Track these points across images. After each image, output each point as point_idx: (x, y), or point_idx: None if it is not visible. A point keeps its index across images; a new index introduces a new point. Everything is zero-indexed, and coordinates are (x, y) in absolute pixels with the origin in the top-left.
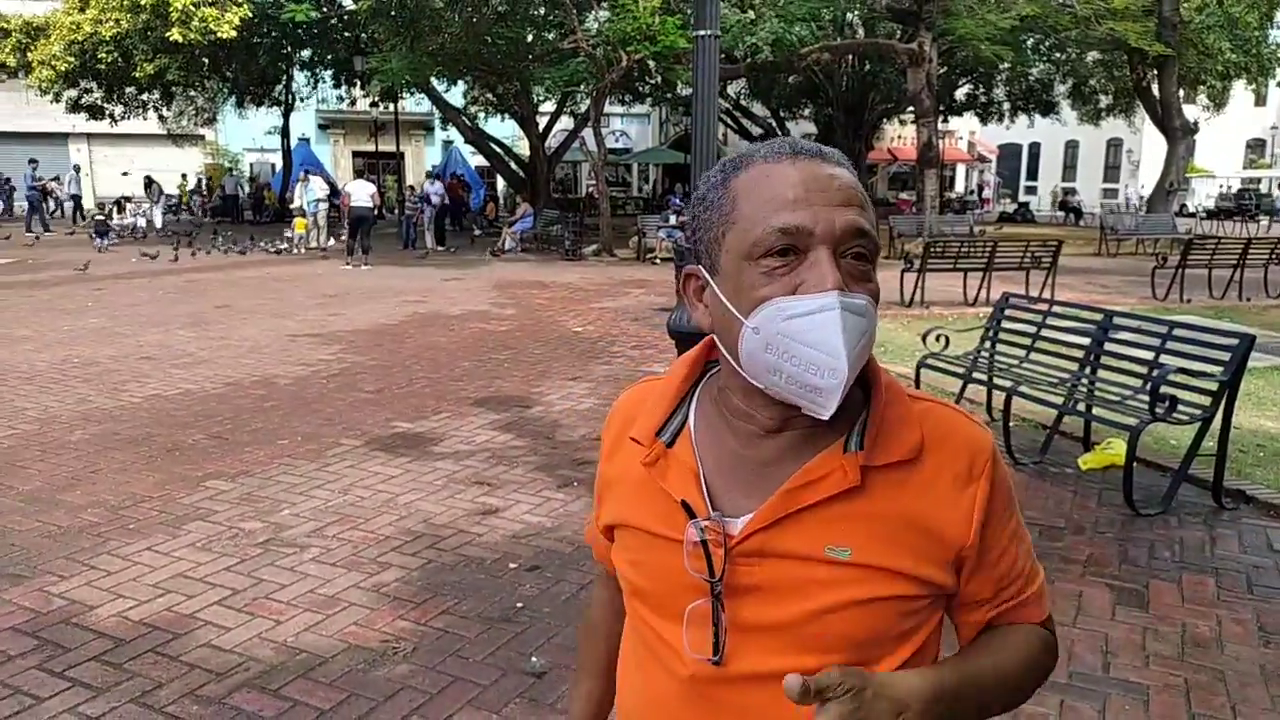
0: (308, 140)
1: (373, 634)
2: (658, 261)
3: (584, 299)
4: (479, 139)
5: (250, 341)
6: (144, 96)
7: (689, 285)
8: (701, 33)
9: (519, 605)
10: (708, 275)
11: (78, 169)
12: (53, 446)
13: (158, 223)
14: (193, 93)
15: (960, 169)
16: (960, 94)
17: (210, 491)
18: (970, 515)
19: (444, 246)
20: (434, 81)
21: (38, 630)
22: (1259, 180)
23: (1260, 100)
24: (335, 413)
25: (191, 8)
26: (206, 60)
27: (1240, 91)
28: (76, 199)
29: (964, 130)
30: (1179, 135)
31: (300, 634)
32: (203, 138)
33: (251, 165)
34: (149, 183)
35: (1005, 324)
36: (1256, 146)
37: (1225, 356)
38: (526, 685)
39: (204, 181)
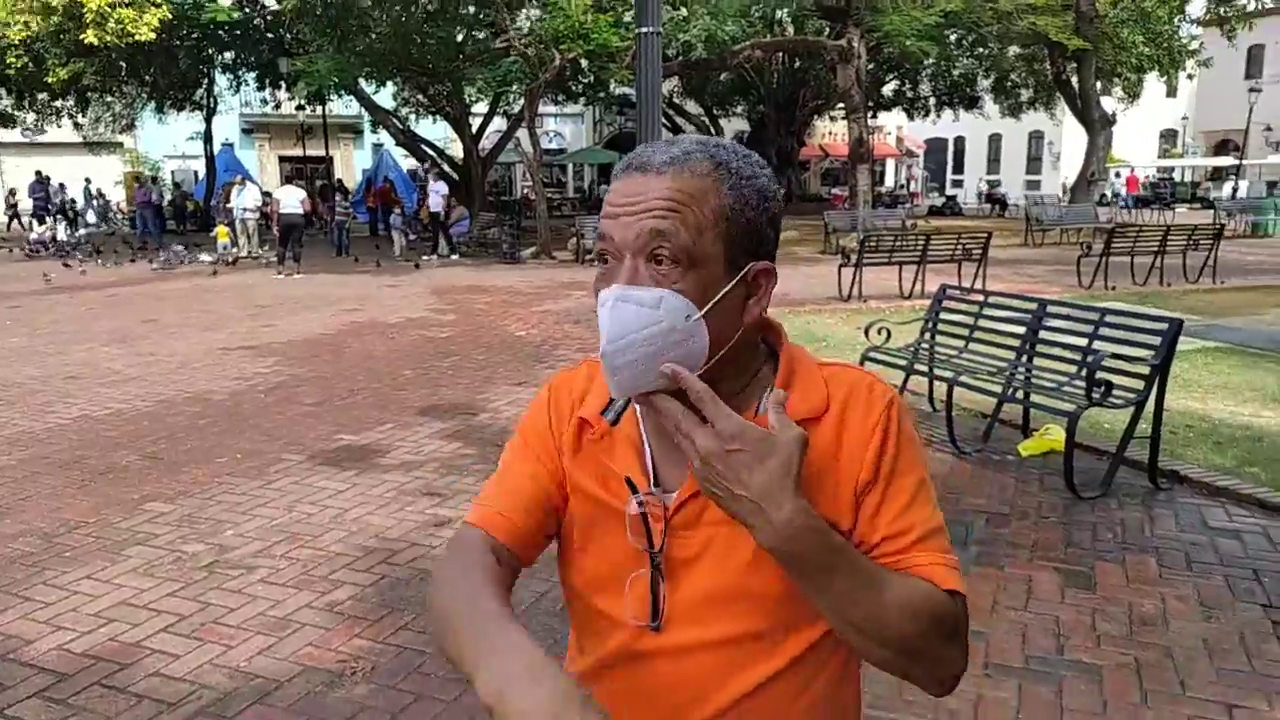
0: (231, 145)
1: (329, 654)
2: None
3: (525, 302)
4: (411, 141)
5: (180, 356)
6: (57, 103)
7: None
8: (644, 29)
9: None
10: None
11: None
12: None
13: (61, 234)
14: (110, 98)
15: (890, 164)
16: (888, 90)
17: (149, 514)
18: (868, 452)
19: (437, 255)
20: (362, 83)
21: None
22: (1172, 169)
23: (1172, 92)
24: (275, 427)
25: (107, 9)
26: (124, 64)
27: (1153, 83)
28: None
29: (891, 126)
30: (1098, 127)
31: (253, 658)
32: (121, 145)
33: (173, 173)
34: (89, 191)
35: (943, 315)
36: (1169, 136)
37: (1155, 341)
38: None
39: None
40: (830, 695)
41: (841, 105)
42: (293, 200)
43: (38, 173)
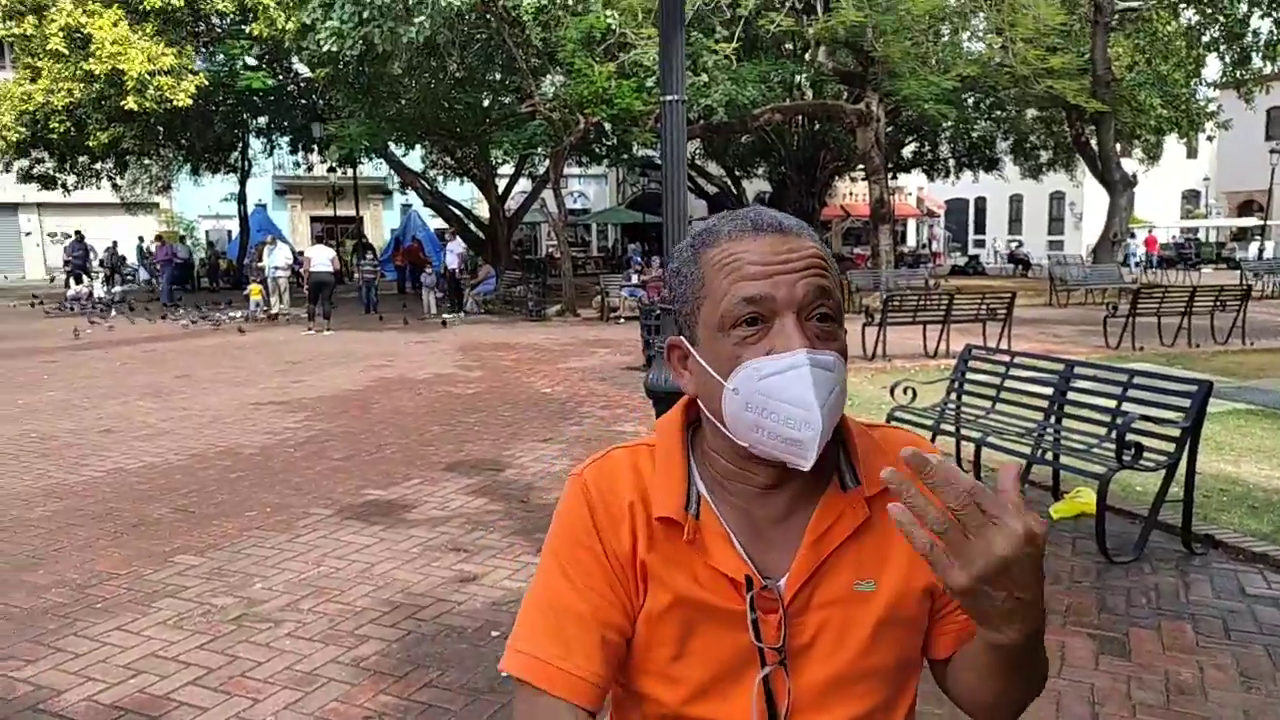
0: (264, 206)
1: (355, 710)
2: (622, 320)
3: (550, 359)
4: (438, 202)
5: (212, 411)
6: (97, 165)
7: (673, 355)
8: (669, 97)
9: (504, 675)
10: (688, 345)
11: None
12: (12, 525)
13: (98, 291)
14: (147, 160)
15: (911, 224)
16: (907, 151)
17: (179, 567)
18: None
19: (460, 312)
20: (392, 146)
21: (4, 718)
22: (1196, 230)
23: (1193, 153)
24: (304, 481)
25: (146, 77)
26: (162, 128)
27: (1173, 145)
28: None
29: (912, 186)
30: (1119, 188)
31: (279, 712)
32: (157, 205)
33: (207, 232)
34: (142, 249)
35: (969, 375)
36: (1191, 197)
37: (1185, 403)
38: None
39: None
40: None
41: (862, 166)
42: (323, 259)
43: (77, 232)
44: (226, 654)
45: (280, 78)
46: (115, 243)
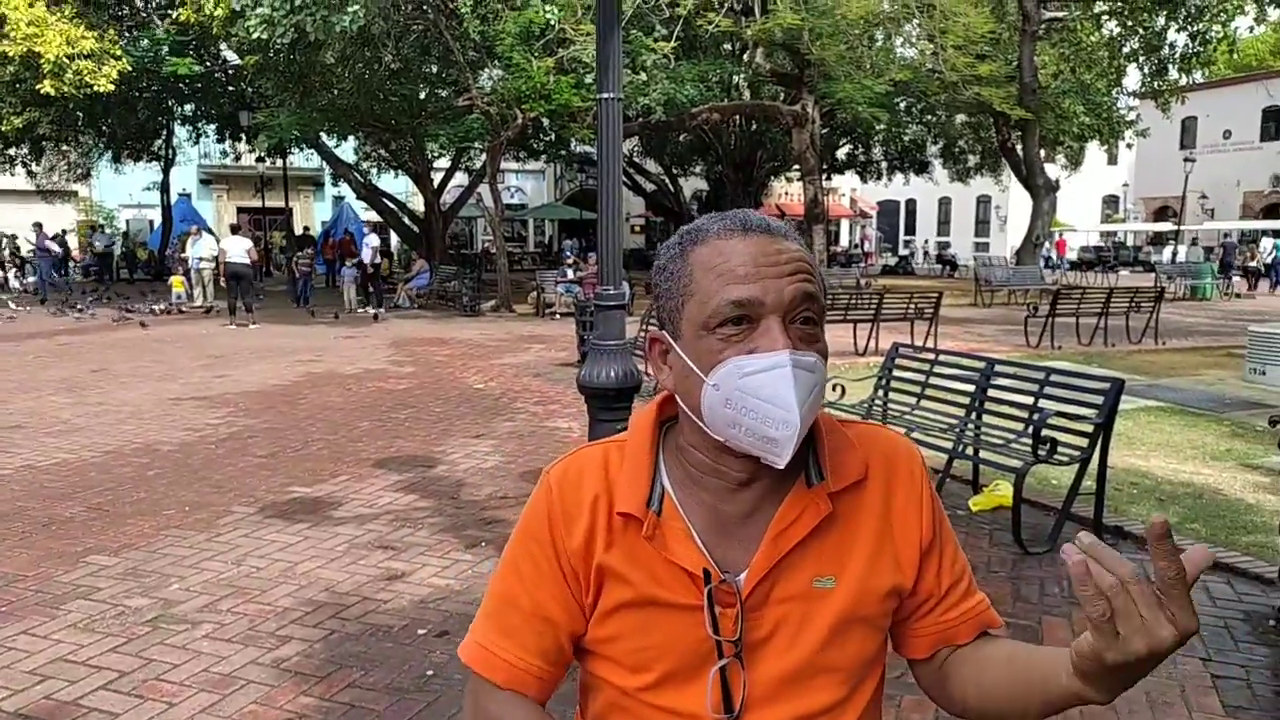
0: (189, 196)
1: (275, 713)
2: (558, 317)
3: (484, 355)
4: (371, 195)
5: (130, 406)
6: (11, 151)
7: (654, 349)
8: (605, 95)
9: (430, 673)
10: (671, 340)
11: None
12: None
13: (12, 281)
14: (65, 147)
15: (844, 224)
16: (841, 153)
17: (91, 567)
18: (923, 512)
19: (373, 307)
20: (324, 137)
21: None
22: (1115, 234)
23: (1113, 160)
24: (225, 479)
25: (65, 60)
26: (81, 114)
27: (1094, 152)
28: None
29: (846, 187)
30: (1042, 192)
31: (196, 715)
32: (75, 193)
33: (128, 222)
34: (62, 237)
35: (896, 372)
36: (1111, 202)
37: (1098, 400)
38: None
39: (62, 238)
40: None
41: (797, 167)
42: (239, 250)
43: None
44: (141, 657)
45: (208, 64)
46: (15, 234)
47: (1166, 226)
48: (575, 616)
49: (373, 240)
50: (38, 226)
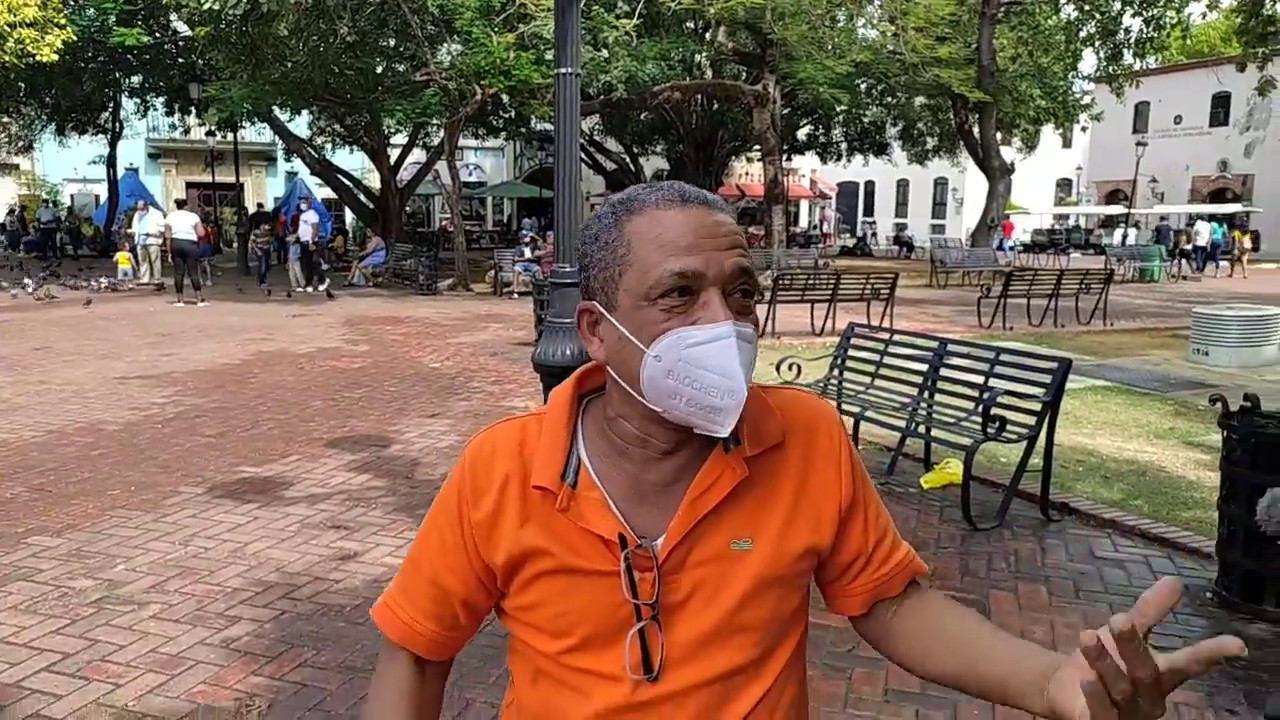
0: (136, 170)
1: (224, 692)
2: (515, 296)
3: (441, 334)
4: (326, 171)
5: (74, 385)
6: None
7: (583, 320)
8: (563, 70)
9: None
10: (604, 310)
11: None
12: None
13: None
14: (6, 119)
15: (804, 205)
16: (802, 134)
17: (33, 549)
18: (841, 474)
19: (313, 287)
20: (277, 111)
21: None
22: (1068, 216)
23: (1067, 143)
24: (172, 459)
25: (6, 29)
26: (23, 84)
27: (1049, 135)
28: None
29: (805, 168)
30: (998, 175)
31: (143, 696)
32: (17, 167)
33: (73, 196)
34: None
35: (851, 352)
36: (1064, 185)
37: (1046, 379)
38: None
39: (18, 212)
40: (798, 696)
41: (758, 147)
42: (185, 225)
43: None
44: (85, 638)
45: (157, 35)
46: None
47: (1118, 209)
48: (472, 588)
49: (311, 217)
50: None
